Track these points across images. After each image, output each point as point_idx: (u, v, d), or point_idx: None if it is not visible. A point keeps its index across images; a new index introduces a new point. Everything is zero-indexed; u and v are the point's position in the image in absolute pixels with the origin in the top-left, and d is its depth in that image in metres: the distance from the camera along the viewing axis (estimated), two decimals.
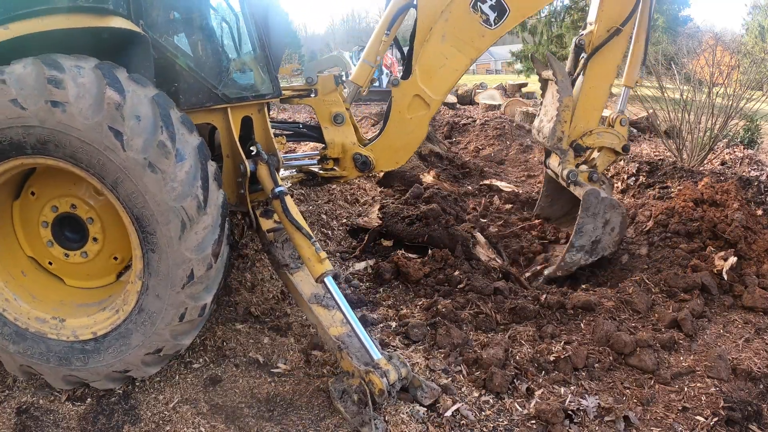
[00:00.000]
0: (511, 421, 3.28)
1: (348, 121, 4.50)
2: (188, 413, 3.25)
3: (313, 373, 3.64)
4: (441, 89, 4.44)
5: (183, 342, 3.29)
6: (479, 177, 8.60)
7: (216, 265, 3.13)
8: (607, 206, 4.78)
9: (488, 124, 11.19)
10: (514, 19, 4.31)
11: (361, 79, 4.63)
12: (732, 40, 18.97)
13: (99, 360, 3.23)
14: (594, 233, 4.81)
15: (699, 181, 6.29)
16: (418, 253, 5.50)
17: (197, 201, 2.95)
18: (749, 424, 3.32)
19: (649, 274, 4.83)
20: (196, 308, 3.15)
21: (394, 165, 4.79)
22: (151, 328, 3.13)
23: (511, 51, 32.17)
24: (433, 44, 4.28)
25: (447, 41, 4.27)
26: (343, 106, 4.47)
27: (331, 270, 3.37)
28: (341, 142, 4.47)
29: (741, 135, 10.67)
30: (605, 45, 4.74)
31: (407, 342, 3.98)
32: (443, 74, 4.37)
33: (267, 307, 4.38)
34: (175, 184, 2.88)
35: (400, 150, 4.61)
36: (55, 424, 3.20)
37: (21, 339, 3.27)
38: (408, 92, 4.40)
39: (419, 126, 4.52)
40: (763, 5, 36.35)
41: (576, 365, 3.71)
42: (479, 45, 4.33)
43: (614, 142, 4.95)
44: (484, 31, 4.29)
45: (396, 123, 4.49)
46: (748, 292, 4.53)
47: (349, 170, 4.58)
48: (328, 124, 4.47)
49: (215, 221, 3.08)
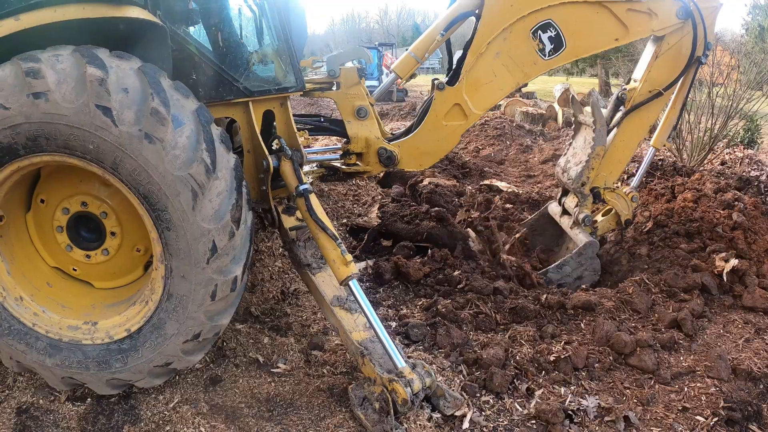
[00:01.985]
0: (511, 421, 3.28)
1: (372, 115, 4.41)
2: (188, 413, 3.25)
3: (313, 373, 3.64)
4: (483, 104, 4.43)
5: (221, 322, 3.13)
6: (479, 177, 8.61)
7: (239, 232, 2.95)
8: (591, 267, 5.08)
9: (488, 124, 11.20)
10: (567, 56, 4.35)
11: (403, 71, 4.55)
12: (732, 40, 18.96)
13: (138, 357, 3.10)
14: (566, 278, 5.08)
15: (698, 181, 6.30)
16: (419, 252, 5.51)
17: (204, 165, 2.78)
18: (749, 424, 3.32)
19: (649, 274, 4.83)
20: (227, 283, 2.98)
21: (416, 167, 4.71)
22: (184, 313, 2.98)
23: None
24: (486, 59, 4.27)
25: (500, 60, 4.28)
26: (367, 99, 4.39)
27: (356, 273, 3.27)
28: (365, 137, 4.38)
29: (741, 135, 10.68)
30: (645, 105, 4.84)
31: (407, 342, 3.99)
32: (488, 90, 4.37)
33: (267, 307, 4.38)
34: (177, 151, 2.71)
35: (426, 154, 4.55)
36: (55, 424, 3.20)
37: (56, 351, 3.16)
38: (450, 99, 4.35)
39: (452, 135, 4.48)
40: (763, 5, 36.34)
41: (576, 365, 3.71)
42: (528, 71, 4.36)
43: (624, 212, 5.16)
44: (537, 59, 4.32)
45: (430, 126, 4.43)
46: (748, 292, 4.53)
47: (373, 165, 4.48)
48: (351, 117, 4.38)
49: (230, 185, 2.90)
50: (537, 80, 26.58)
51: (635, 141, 5.02)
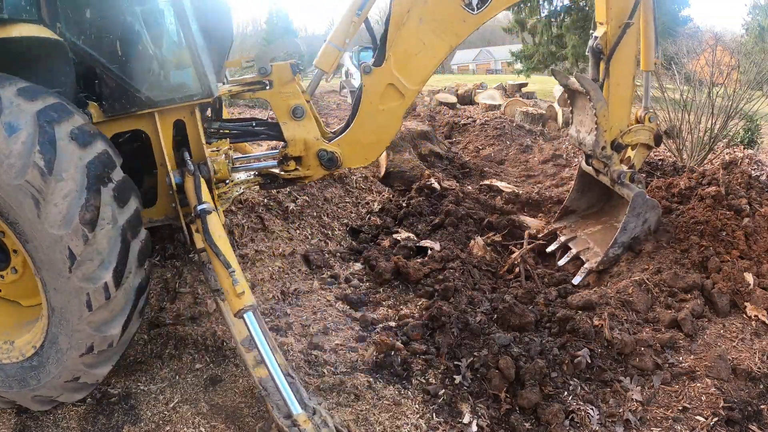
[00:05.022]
0: (511, 422, 3.28)
1: (309, 114, 4.10)
2: (188, 413, 3.25)
3: (313, 373, 3.64)
4: (417, 78, 4.09)
5: (110, 332, 2.95)
6: (479, 177, 8.60)
7: (97, 234, 2.72)
8: (649, 206, 5.13)
9: (488, 124, 11.19)
10: (498, 4, 4.06)
11: (326, 64, 4.16)
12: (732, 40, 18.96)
13: (47, 373, 2.99)
14: (635, 230, 5.13)
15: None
16: (419, 252, 5.51)
17: (39, 169, 2.58)
18: (749, 424, 3.32)
19: (649, 274, 4.83)
20: (98, 290, 2.78)
21: (363, 161, 4.40)
22: (68, 326, 2.85)
23: (511, 51, 32.17)
24: (410, 28, 3.94)
25: (425, 25, 3.94)
26: (303, 97, 4.07)
27: (251, 305, 2.87)
28: (303, 138, 4.07)
29: (741, 135, 10.67)
30: (621, 41, 4.73)
31: (407, 341, 3.98)
32: (420, 61, 4.04)
33: (267, 307, 4.38)
34: (11, 160, 2.55)
35: (370, 145, 4.24)
36: (55, 424, 3.20)
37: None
38: (381, 81, 4.03)
39: (392, 118, 4.15)
40: (763, 5, 36.36)
41: (577, 365, 3.71)
42: (460, 31, 4.02)
43: (649, 137, 5.17)
44: (466, 15, 3.99)
45: (367, 115, 4.11)
46: (748, 293, 4.52)
47: (314, 169, 4.19)
48: (287, 119, 4.06)
49: (79, 185, 2.69)
50: (537, 80, 26.58)
51: (629, 79, 4.96)
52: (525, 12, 28.10)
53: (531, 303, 4.54)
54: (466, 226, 6.03)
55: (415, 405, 3.39)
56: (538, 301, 4.53)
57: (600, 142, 4.98)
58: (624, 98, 5.00)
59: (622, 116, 5.04)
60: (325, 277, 5.02)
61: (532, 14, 28.12)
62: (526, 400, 3.38)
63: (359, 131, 4.18)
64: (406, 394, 3.48)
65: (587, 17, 24.69)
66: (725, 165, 6.70)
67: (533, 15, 28.16)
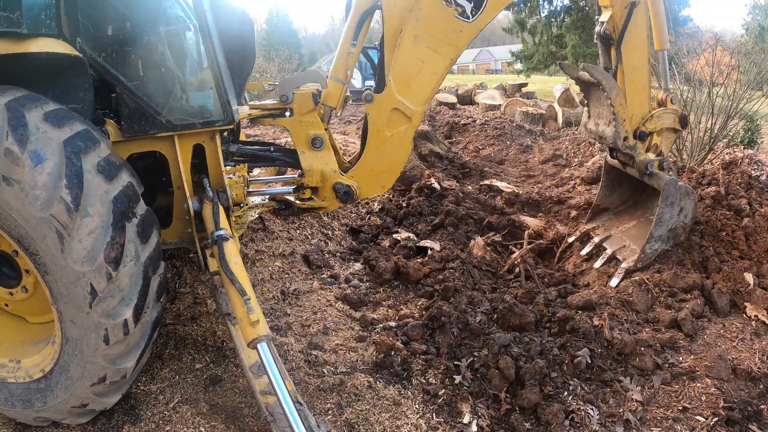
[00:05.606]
0: (511, 422, 3.29)
1: (328, 144, 4.03)
2: (188, 413, 3.25)
3: (313, 373, 3.64)
4: (421, 98, 3.96)
5: (125, 365, 2.93)
6: (479, 177, 8.61)
7: (121, 272, 2.70)
8: (683, 194, 4.84)
9: (488, 124, 11.20)
10: (493, 8, 3.86)
11: (332, 100, 4.07)
12: (732, 40, 18.96)
13: (54, 397, 2.95)
14: (671, 221, 4.86)
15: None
16: (419, 253, 5.52)
17: (65, 204, 2.54)
18: (749, 424, 3.33)
19: (649, 274, 4.83)
20: (117, 326, 2.75)
21: (379, 190, 4.31)
22: (82, 357, 2.81)
23: (511, 51, 32.17)
24: (405, 48, 3.80)
25: (421, 43, 3.79)
26: (322, 127, 4.01)
27: (264, 336, 2.79)
28: (320, 170, 3.99)
29: (741, 135, 10.68)
30: (630, 23, 4.52)
31: (407, 341, 3.99)
32: (421, 81, 3.90)
33: (267, 307, 4.38)
34: (36, 191, 2.49)
35: (384, 173, 4.12)
36: (56, 424, 3.20)
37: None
38: (385, 107, 3.92)
39: (402, 143, 4.03)
40: (763, 5, 36.36)
41: (577, 365, 3.71)
42: (458, 42, 3.85)
43: (675, 120, 4.91)
44: (462, 25, 3.80)
45: (376, 144, 4.01)
46: (748, 293, 4.52)
47: (329, 201, 4.09)
48: (306, 148, 3.99)
49: (105, 221, 2.65)
50: (537, 80, 26.60)
51: (644, 63, 4.71)
52: (525, 12, 28.12)
53: (531, 303, 4.55)
54: (466, 226, 6.03)
55: (415, 405, 3.39)
56: (538, 301, 4.54)
57: (621, 133, 4.75)
58: (641, 83, 4.75)
59: (642, 102, 4.80)
60: (325, 277, 5.03)
61: (532, 14, 28.13)
62: (526, 400, 3.39)
63: (371, 161, 4.09)
64: (406, 394, 3.48)
65: (587, 17, 24.69)
66: (725, 165, 6.70)
67: (533, 15, 28.17)
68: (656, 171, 4.87)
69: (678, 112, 4.91)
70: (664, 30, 4.86)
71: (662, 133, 4.97)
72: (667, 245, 4.93)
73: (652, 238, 4.84)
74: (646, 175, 4.92)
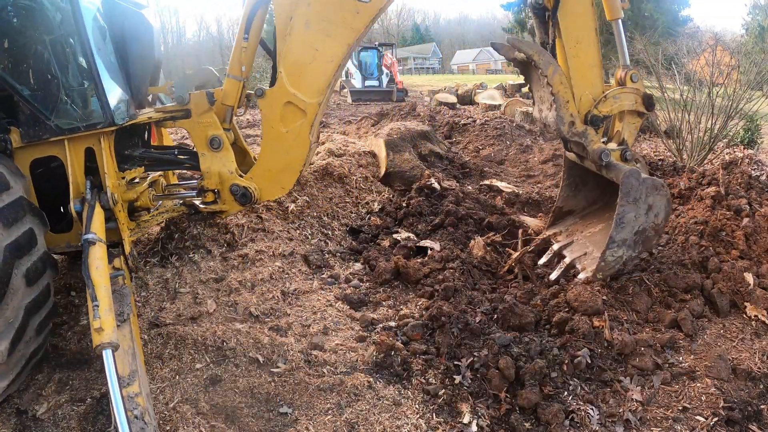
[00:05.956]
0: (511, 422, 3.28)
1: (226, 145, 3.94)
2: (188, 413, 3.25)
3: (313, 373, 3.64)
4: (315, 88, 3.75)
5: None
6: (479, 177, 8.61)
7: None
8: (650, 188, 4.03)
9: (488, 124, 11.20)
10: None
11: (230, 99, 3.97)
12: (732, 40, 18.98)
13: None
14: (637, 222, 4.09)
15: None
16: (419, 252, 5.51)
17: None
18: (749, 424, 3.32)
19: (649, 274, 4.83)
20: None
21: (280, 191, 4.21)
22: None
23: None
24: (297, 36, 3.61)
25: (313, 27, 3.59)
26: (221, 127, 3.93)
27: (108, 343, 2.69)
28: (218, 171, 3.91)
29: (741, 135, 10.68)
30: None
31: (407, 341, 3.99)
32: (315, 70, 3.70)
33: (267, 307, 4.38)
34: None
35: (282, 172, 4.00)
36: (55, 424, 3.20)
37: None
38: (277, 101, 3.78)
39: (298, 139, 3.87)
40: (763, 5, 36.36)
41: (577, 365, 3.71)
42: (355, 24, 3.61)
43: (635, 102, 4.19)
44: (358, 6, 3.59)
45: (271, 141, 3.90)
46: (748, 293, 4.52)
47: (229, 204, 4.03)
48: (205, 149, 3.93)
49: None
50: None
51: (589, 31, 4.04)
52: (525, 12, 28.12)
53: (530, 303, 4.54)
54: (466, 226, 6.03)
55: (415, 405, 3.39)
56: (535, 302, 4.53)
57: (564, 117, 4.04)
58: (588, 58, 4.07)
59: (592, 82, 4.11)
60: (325, 277, 5.03)
61: None
62: (526, 400, 3.38)
63: (267, 159, 3.99)
64: (406, 394, 3.48)
65: None
66: (725, 165, 6.70)
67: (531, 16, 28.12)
68: (614, 161, 4.12)
69: (640, 92, 4.22)
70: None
71: (624, 118, 4.27)
72: (634, 251, 4.23)
73: (614, 243, 4.13)
74: (603, 167, 4.19)
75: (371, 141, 8.28)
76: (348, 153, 7.72)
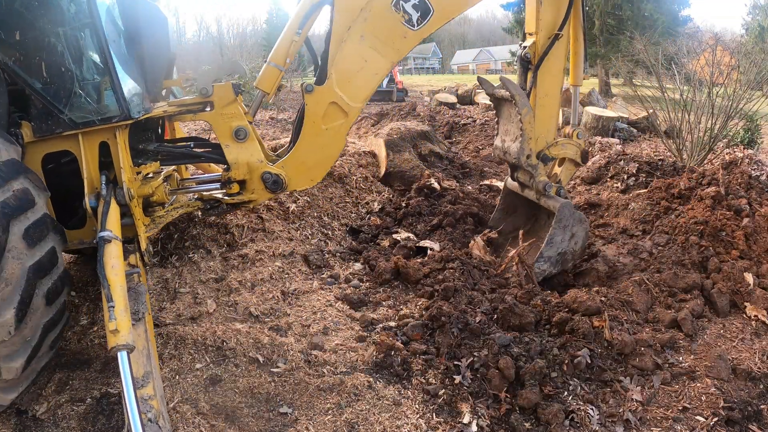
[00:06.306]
0: (511, 422, 3.28)
1: (252, 135, 4.01)
2: (188, 413, 3.25)
3: (313, 373, 3.64)
4: (360, 95, 4.05)
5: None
6: (479, 177, 8.61)
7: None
8: (576, 220, 4.95)
9: (488, 124, 11.20)
10: (438, 20, 4.07)
11: (267, 84, 4.06)
12: (732, 40, 18.97)
13: None
14: (561, 245, 4.93)
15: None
16: (419, 252, 5.51)
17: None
18: (749, 424, 3.32)
19: (649, 274, 4.83)
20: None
21: (308, 183, 4.32)
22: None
23: (511, 51, 32.21)
24: (351, 45, 3.91)
25: (366, 42, 3.92)
26: (245, 118, 3.99)
27: (124, 345, 2.65)
28: (246, 161, 3.96)
29: (741, 135, 10.68)
30: (550, 52, 4.81)
31: (407, 341, 3.99)
32: (362, 78, 4.00)
33: (267, 307, 4.38)
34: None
35: (315, 166, 4.15)
36: (55, 424, 3.20)
37: None
38: (324, 99, 3.97)
39: (335, 138, 4.08)
40: (763, 5, 36.37)
41: (577, 365, 3.71)
42: (400, 47, 4.03)
43: (576, 153, 5.17)
44: (406, 31, 3.99)
45: (310, 135, 4.04)
46: (748, 293, 4.52)
47: (258, 192, 4.08)
48: (230, 141, 3.96)
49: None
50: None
51: (556, 90, 5.00)
52: (525, 12, 28.08)
53: (530, 303, 4.54)
54: (466, 226, 6.03)
55: (415, 405, 3.39)
56: (535, 302, 4.53)
57: (525, 150, 4.87)
58: (550, 110, 5.00)
59: (549, 128, 5.02)
60: (325, 277, 5.03)
61: None
62: (526, 400, 3.38)
63: (303, 152, 4.10)
64: (406, 394, 3.48)
65: (588, 18, 24.66)
66: (725, 165, 6.71)
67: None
68: (553, 194, 5.00)
69: (581, 147, 5.15)
70: (581, 69, 5.25)
71: (564, 164, 5.21)
72: (555, 269, 4.98)
73: (542, 258, 4.89)
74: (544, 196, 5.06)
75: (371, 141, 8.29)
76: (348, 153, 7.72)
